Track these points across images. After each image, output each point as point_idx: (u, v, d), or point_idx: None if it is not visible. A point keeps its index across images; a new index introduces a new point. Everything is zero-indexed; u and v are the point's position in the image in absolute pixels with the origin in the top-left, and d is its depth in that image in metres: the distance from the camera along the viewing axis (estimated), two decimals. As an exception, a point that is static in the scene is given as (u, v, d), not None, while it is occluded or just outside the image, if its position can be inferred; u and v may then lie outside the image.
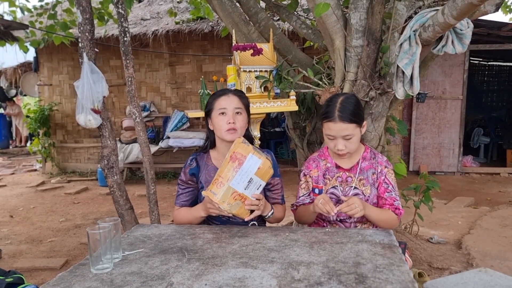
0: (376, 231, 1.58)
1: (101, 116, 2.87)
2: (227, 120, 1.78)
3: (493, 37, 5.93)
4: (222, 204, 1.56)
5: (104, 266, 1.28)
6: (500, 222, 3.99)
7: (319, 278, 1.16)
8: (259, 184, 1.61)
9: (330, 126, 1.76)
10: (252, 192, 1.60)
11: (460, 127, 6.49)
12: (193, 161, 1.89)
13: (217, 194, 1.56)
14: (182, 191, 1.90)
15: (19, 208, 5.29)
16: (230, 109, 1.79)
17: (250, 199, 1.60)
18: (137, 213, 3.31)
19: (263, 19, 3.12)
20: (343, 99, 1.78)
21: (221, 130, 1.79)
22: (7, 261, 3.48)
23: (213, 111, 1.83)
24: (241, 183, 1.56)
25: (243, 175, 1.56)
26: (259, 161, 1.57)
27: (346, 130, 1.74)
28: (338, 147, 1.77)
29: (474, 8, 1.83)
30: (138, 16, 7.22)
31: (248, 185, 1.57)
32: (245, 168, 1.56)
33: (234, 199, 1.57)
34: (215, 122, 1.81)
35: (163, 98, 7.19)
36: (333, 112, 1.75)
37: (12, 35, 4.63)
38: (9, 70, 10.47)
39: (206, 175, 1.86)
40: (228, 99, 1.81)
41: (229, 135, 1.77)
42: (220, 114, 1.79)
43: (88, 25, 2.77)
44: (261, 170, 1.58)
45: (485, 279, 1.84)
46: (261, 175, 1.59)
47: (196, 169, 1.87)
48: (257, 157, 1.57)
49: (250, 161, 1.56)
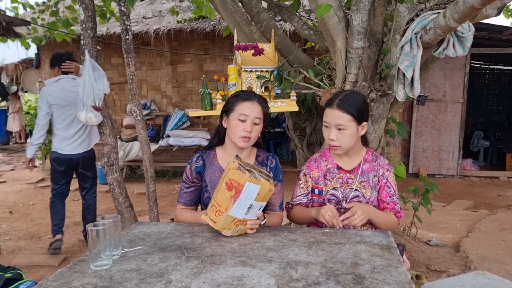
0: (374, 233, 1.59)
1: (102, 114, 2.88)
2: (245, 128, 1.73)
3: (495, 40, 5.94)
4: (223, 230, 1.53)
5: (103, 262, 1.28)
6: (499, 226, 4.00)
7: (317, 278, 1.17)
8: (260, 206, 1.55)
9: (327, 112, 1.78)
10: (253, 215, 1.55)
11: (460, 130, 6.50)
12: (199, 159, 1.86)
13: (217, 223, 1.51)
14: (186, 190, 1.87)
15: (19, 205, 5.30)
16: (250, 117, 1.74)
17: (252, 222, 1.56)
18: (136, 211, 3.31)
19: (265, 19, 3.12)
20: (349, 93, 1.81)
21: (236, 135, 1.75)
22: (6, 257, 3.48)
23: (232, 112, 1.77)
24: (240, 211, 1.49)
25: (242, 203, 1.48)
26: (257, 187, 1.48)
27: (340, 119, 1.74)
28: (330, 136, 1.77)
29: (476, 12, 1.84)
30: (140, 14, 7.22)
31: (248, 210, 1.51)
32: (243, 197, 1.48)
33: (235, 225, 1.53)
34: (232, 124, 1.76)
35: (164, 97, 7.19)
36: (335, 99, 1.77)
37: (14, 31, 4.63)
38: (10, 66, 10.47)
39: (211, 175, 1.84)
40: (252, 107, 1.75)
41: (243, 142, 1.75)
42: (239, 119, 1.74)
43: (90, 23, 2.78)
44: (260, 195, 1.50)
45: (482, 282, 1.84)
46: (261, 198, 1.52)
47: (202, 167, 1.85)
48: (255, 184, 1.47)
49: (247, 189, 1.47)
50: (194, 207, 1.91)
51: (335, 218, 1.68)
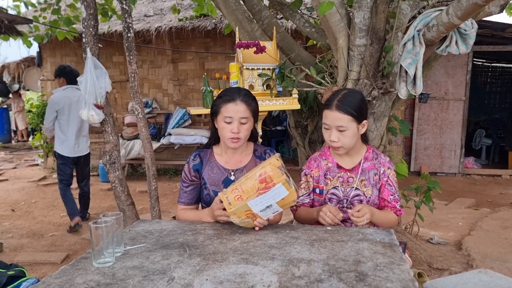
0: (377, 230, 1.59)
1: (104, 112, 2.88)
2: (231, 129, 1.73)
3: (497, 38, 5.92)
4: (232, 216, 1.53)
5: (106, 260, 1.28)
6: (501, 224, 3.99)
7: (320, 276, 1.16)
8: (276, 210, 1.55)
9: (327, 114, 1.76)
10: (266, 216, 1.56)
11: (462, 128, 6.49)
12: (196, 157, 1.88)
13: (232, 206, 1.51)
14: (186, 189, 1.88)
15: (21, 203, 5.31)
16: (235, 118, 1.73)
17: (262, 220, 1.56)
18: (138, 209, 3.32)
19: (267, 17, 3.12)
20: (347, 92, 1.79)
21: (225, 137, 1.76)
22: (8, 255, 3.49)
23: (218, 115, 1.78)
24: (259, 205, 1.50)
25: (264, 200, 1.49)
26: (286, 193, 1.49)
27: (340, 120, 1.72)
28: (331, 137, 1.76)
29: (479, 9, 1.83)
30: (142, 12, 7.22)
31: (265, 209, 1.52)
32: (269, 195, 1.49)
33: (246, 216, 1.53)
34: (220, 126, 1.78)
35: (165, 95, 7.20)
36: (333, 100, 1.75)
37: (16, 30, 4.63)
38: (12, 64, 10.49)
39: (209, 172, 1.86)
40: (235, 108, 1.73)
41: (232, 143, 1.76)
42: (224, 121, 1.74)
43: (92, 21, 2.78)
44: (284, 200, 1.51)
45: (485, 280, 1.84)
46: (282, 204, 1.53)
47: (200, 165, 1.86)
48: (286, 188, 1.48)
49: (277, 190, 1.48)
50: (195, 206, 1.91)
51: (335, 218, 1.67)
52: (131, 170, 7.05)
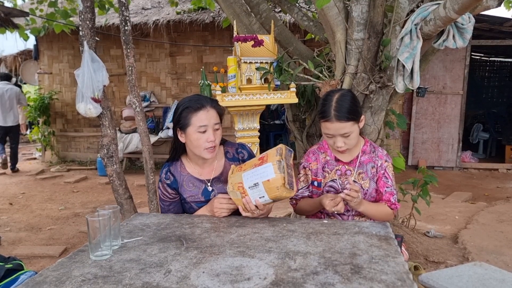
0: (373, 223, 1.60)
1: (101, 105, 2.88)
2: (208, 139, 1.65)
3: (495, 32, 5.91)
4: (229, 185, 1.63)
5: (103, 253, 1.29)
6: (497, 218, 4.02)
7: (316, 268, 1.17)
8: (262, 195, 1.58)
9: (328, 126, 1.75)
10: (254, 197, 1.58)
11: (460, 122, 6.50)
12: (168, 174, 1.79)
13: (233, 174, 1.64)
14: (168, 207, 1.82)
15: (19, 196, 5.32)
16: (210, 125, 1.66)
17: (249, 199, 1.59)
18: (136, 203, 3.33)
19: (265, 10, 3.11)
20: (338, 97, 1.75)
21: (200, 148, 1.66)
22: (7, 248, 3.50)
23: (189, 127, 1.66)
24: (248, 180, 1.58)
25: (254, 175, 1.57)
26: (271, 175, 1.53)
27: (344, 128, 1.73)
28: (337, 144, 1.77)
29: (476, 3, 1.82)
30: (139, 5, 7.18)
31: (253, 186, 1.57)
32: (259, 171, 1.56)
33: (238, 189, 1.61)
34: (193, 138, 1.66)
35: (163, 89, 7.18)
36: (329, 111, 1.72)
37: (12, 22, 4.61)
38: (9, 57, 10.42)
39: (185, 187, 1.79)
40: (208, 114, 1.65)
41: (209, 154, 1.68)
42: (199, 132, 1.65)
43: (89, 13, 2.77)
44: (269, 183, 1.54)
45: (479, 272, 1.86)
46: (268, 188, 1.55)
47: (175, 183, 1.79)
48: (273, 170, 1.52)
49: (265, 168, 1.55)
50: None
51: (337, 203, 1.71)
52: (129, 163, 7.05)
